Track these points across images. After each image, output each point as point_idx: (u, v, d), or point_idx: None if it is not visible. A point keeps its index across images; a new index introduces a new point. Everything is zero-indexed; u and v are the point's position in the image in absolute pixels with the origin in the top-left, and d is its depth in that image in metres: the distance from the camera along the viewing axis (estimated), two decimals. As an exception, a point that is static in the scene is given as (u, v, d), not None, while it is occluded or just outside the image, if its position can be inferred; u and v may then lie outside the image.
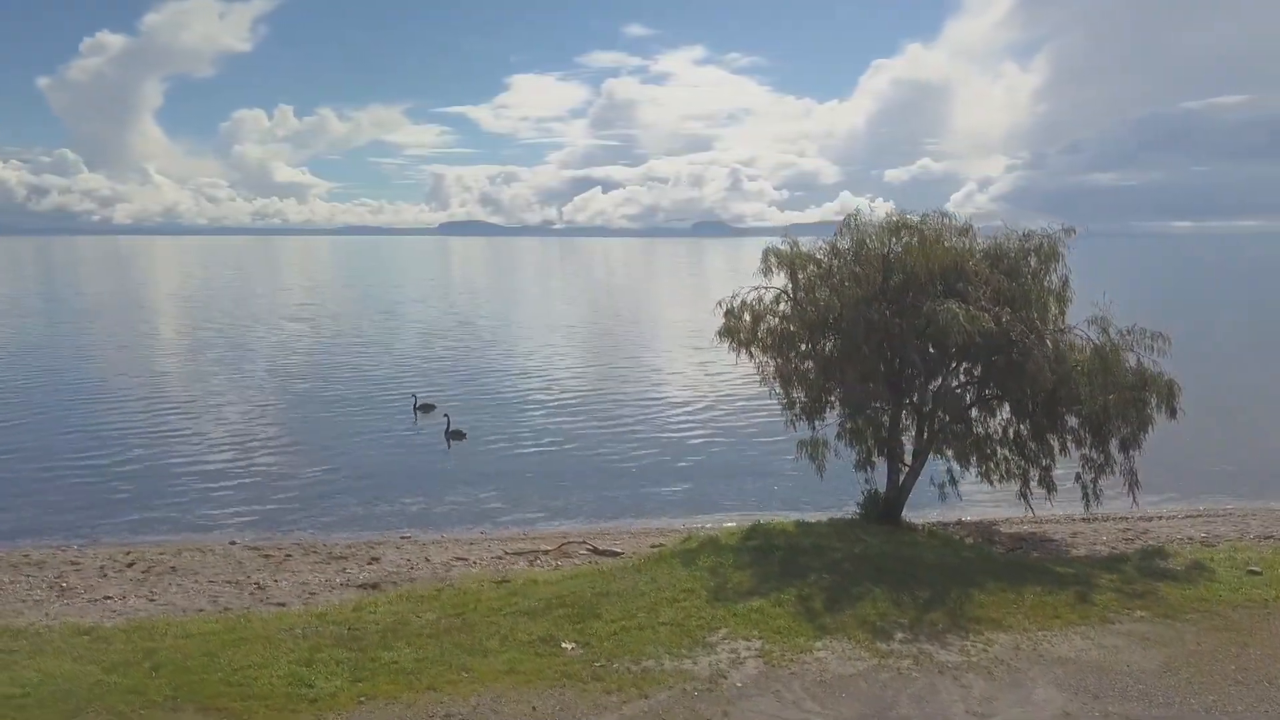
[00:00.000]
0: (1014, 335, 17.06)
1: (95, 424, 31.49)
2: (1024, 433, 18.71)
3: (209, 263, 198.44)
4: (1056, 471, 18.60)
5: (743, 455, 27.89)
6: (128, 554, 18.72)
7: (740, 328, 19.37)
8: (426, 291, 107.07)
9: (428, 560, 18.35)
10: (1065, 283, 18.47)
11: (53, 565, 17.88)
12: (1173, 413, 17.61)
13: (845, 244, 18.94)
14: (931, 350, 18.27)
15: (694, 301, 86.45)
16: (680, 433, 31.13)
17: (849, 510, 19.48)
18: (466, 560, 18.31)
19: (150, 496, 23.42)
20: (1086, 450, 18.15)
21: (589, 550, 18.94)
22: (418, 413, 33.26)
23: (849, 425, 19.23)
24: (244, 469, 26.14)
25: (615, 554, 18.43)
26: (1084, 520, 20.66)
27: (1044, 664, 12.12)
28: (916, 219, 18.61)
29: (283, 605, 15.21)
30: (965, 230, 18.77)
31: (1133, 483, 17.91)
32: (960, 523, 20.80)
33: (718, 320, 19.72)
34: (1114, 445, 17.84)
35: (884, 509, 18.91)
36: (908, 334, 17.87)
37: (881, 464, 19.29)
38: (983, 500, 21.79)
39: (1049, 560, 17.38)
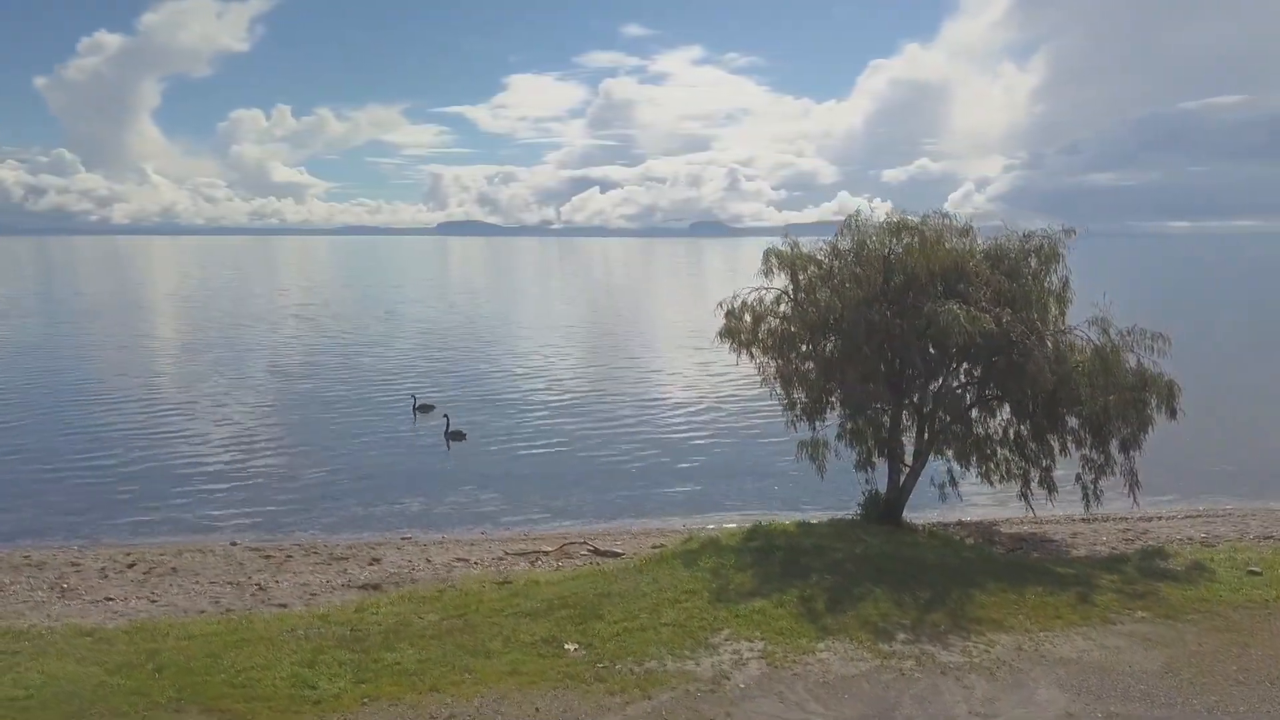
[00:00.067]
0: (1014, 336, 17.06)
1: (95, 425, 31.46)
2: (1024, 433, 18.72)
3: (207, 263, 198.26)
4: (1057, 472, 18.60)
5: (743, 456, 27.87)
6: (128, 555, 18.72)
7: (741, 328, 19.36)
8: (425, 291, 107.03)
9: (429, 561, 18.35)
10: (1065, 283, 18.48)
11: (53, 566, 17.87)
12: (1173, 413, 17.63)
13: (846, 245, 18.92)
14: (932, 351, 18.29)
15: (693, 301, 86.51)
16: (680, 433, 31.13)
17: (849, 511, 19.48)
18: (467, 561, 18.31)
19: (150, 497, 23.39)
20: (1087, 451, 18.17)
21: (590, 551, 18.94)
22: (417, 413, 33.25)
23: (849, 426, 19.24)
24: (244, 470, 26.13)
25: (616, 555, 18.44)
26: (1084, 520, 20.69)
27: (1046, 665, 12.13)
28: (917, 220, 18.62)
29: (284, 606, 15.21)
30: (966, 231, 18.77)
31: (1133, 483, 17.93)
32: (960, 523, 20.80)
33: (718, 320, 19.70)
34: (1114, 446, 17.85)
35: (884, 509, 18.91)
36: (908, 335, 17.88)
37: (882, 464, 19.29)
38: (983, 501, 21.83)
39: (1049, 561, 17.39)
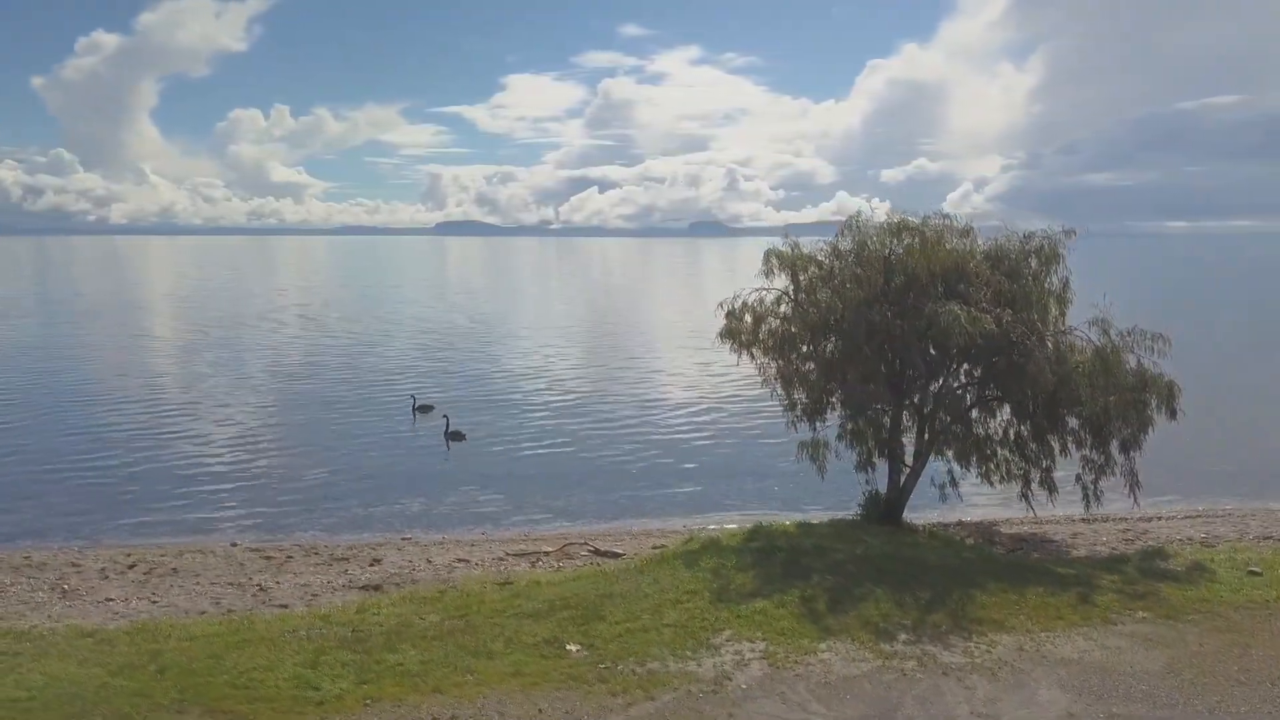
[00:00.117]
0: (1015, 337, 17.09)
1: (94, 425, 31.44)
2: (1024, 434, 18.75)
3: (205, 263, 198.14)
4: (1057, 473, 18.62)
5: (743, 456, 27.87)
6: (128, 556, 18.71)
7: (742, 329, 19.38)
8: (424, 291, 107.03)
9: (429, 562, 18.34)
10: (1066, 284, 18.52)
11: (54, 567, 17.86)
12: (1173, 414, 17.66)
13: (846, 245, 18.95)
14: (933, 352, 18.32)
15: (692, 302, 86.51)
16: (681, 433, 31.13)
17: (850, 511, 19.50)
18: (468, 562, 18.30)
19: (150, 498, 23.39)
20: (1087, 451, 18.19)
21: (590, 551, 18.94)
22: (416, 413, 33.24)
23: (850, 426, 19.26)
24: (243, 470, 26.11)
25: (617, 555, 18.43)
26: (1084, 521, 20.71)
27: (1047, 665, 12.15)
28: (918, 221, 18.64)
29: (285, 607, 15.19)
30: (966, 232, 18.80)
31: (1133, 484, 17.96)
32: (960, 523, 20.81)
33: (717, 321, 19.73)
34: (1114, 446, 17.87)
35: (885, 510, 18.93)
36: (909, 335, 17.91)
37: (882, 465, 19.31)
38: (982, 501, 21.85)
39: (1050, 561, 17.41)
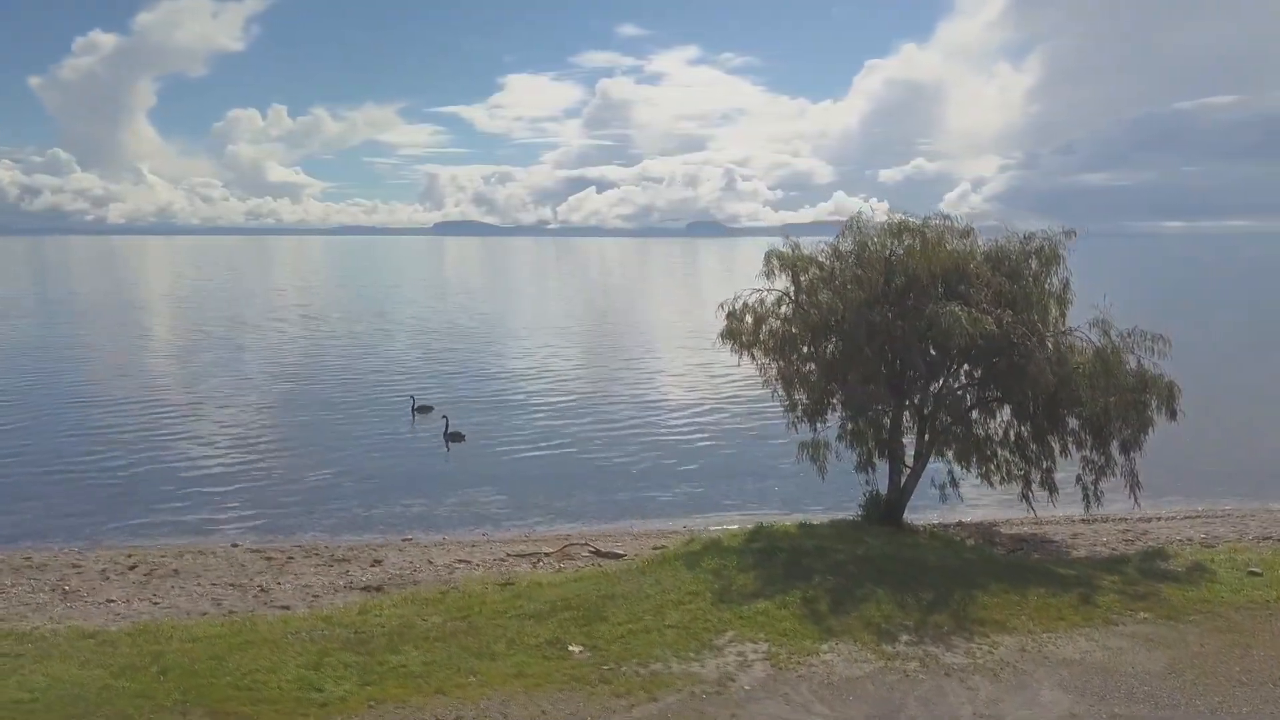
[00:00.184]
0: (1015, 338, 17.11)
1: (93, 426, 31.39)
2: (1025, 434, 18.77)
3: (203, 263, 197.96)
4: (1057, 474, 18.63)
5: (744, 457, 27.88)
6: (129, 556, 18.67)
7: (742, 330, 19.39)
8: (422, 292, 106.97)
9: (430, 562, 18.33)
10: (1066, 285, 18.55)
11: (54, 568, 17.82)
12: (1173, 414, 17.68)
13: (847, 246, 18.97)
14: (933, 352, 18.34)
15: (691, 302, 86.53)
16: (681, 434, 31.13)
17: (850, 512, 19.52)
18: (469, 562, 18.29)
19: (150, 499, 23.37)
20: (1087, 452, 18.21)
21: (591, 552, 18.92)
22: (416, 414, 33.23)
23: (850, 427, 19.28)
24: (243, 471, 26.09)
25: (618, 556, 18.44)
26: (1083, 521, 20.75)
27: (1049, 666, 12.16)
28: (918, 221, 18.66)
29: (287, 608, 15.17)
30: (966, 233, 18.82)
31: (1133, 484, 17.98)
32: (960, 524, 20.83)
33: (717, 321, 19.73)
34: (1114, 447, 17.89)
35: (885, 510, 18.95)
36: (910, 336, 17.91)
37: (883, 466, 19.33)
38: (982, 502, 21.85)
39: (1050, 562, 17.44)
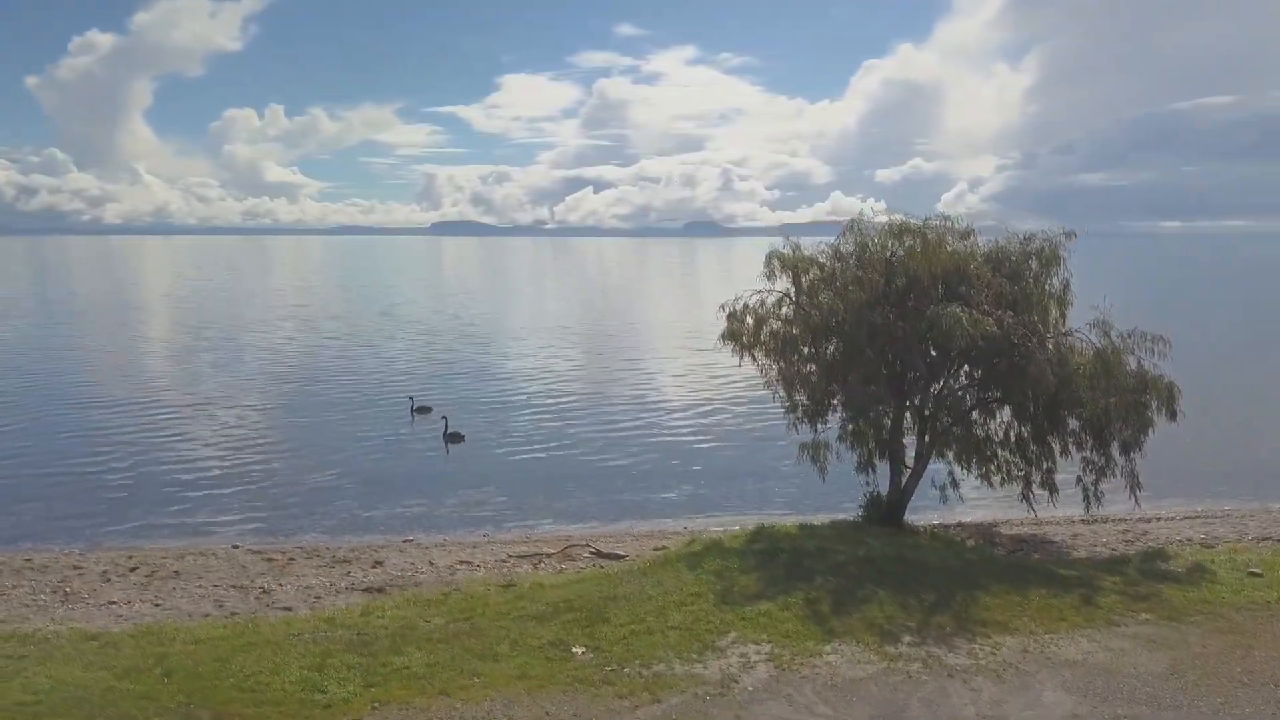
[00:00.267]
0: (1016, 339, 17.12)
1: (93, 427, 31.36)
2: (1025, 435, 18.77)
3: (201, 263, 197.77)
4: (1057, 475, 18.65)
5: (744, 458, 27.88)
6: (130, 558, 18.67)
7: (743, 331, 19.40)
8: (421, 292, 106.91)
9: (431, 564, 18.33)
10: (1066, 286, 18.57)
11: (55, 570, 17.81)
12: (1173, 415, 17.68)
13: (848, 248, 18.98)
14: (934, 353, 18.37)
15: (691, 302, 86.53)
16: (681, 435, 31.13)
17: (850, 512, 19.53)
18: (470, 564, 18.29)
19: (150, 500, 23.36)
20: (1088, 453, 18.21)
21: (592, 553, 18.92)
22: (415, 415, 33.22)
23: (851, 428, 19.29)
24: (243, 472, 26.07)
25: (619, 557, 18.44)
26: (1083, 522, 20.77)
27: (1052, 667, 12.18)
28: (919, 223, 18.67)
29: (289, 610, 15.15)
30: (967, 234, 18.83)
31: (1134, 485, 17.98)
32: (960, 524, 20.84)
33: (716, 321, 19.75)
34: (1115, 447, 17.90)
35: (886, 511, 18.97)
36: (910, 337, 17.95)
37: (883, 466, 19.35)
38: (981, 502, 21.83)
39: (1051, 562, 17.44)
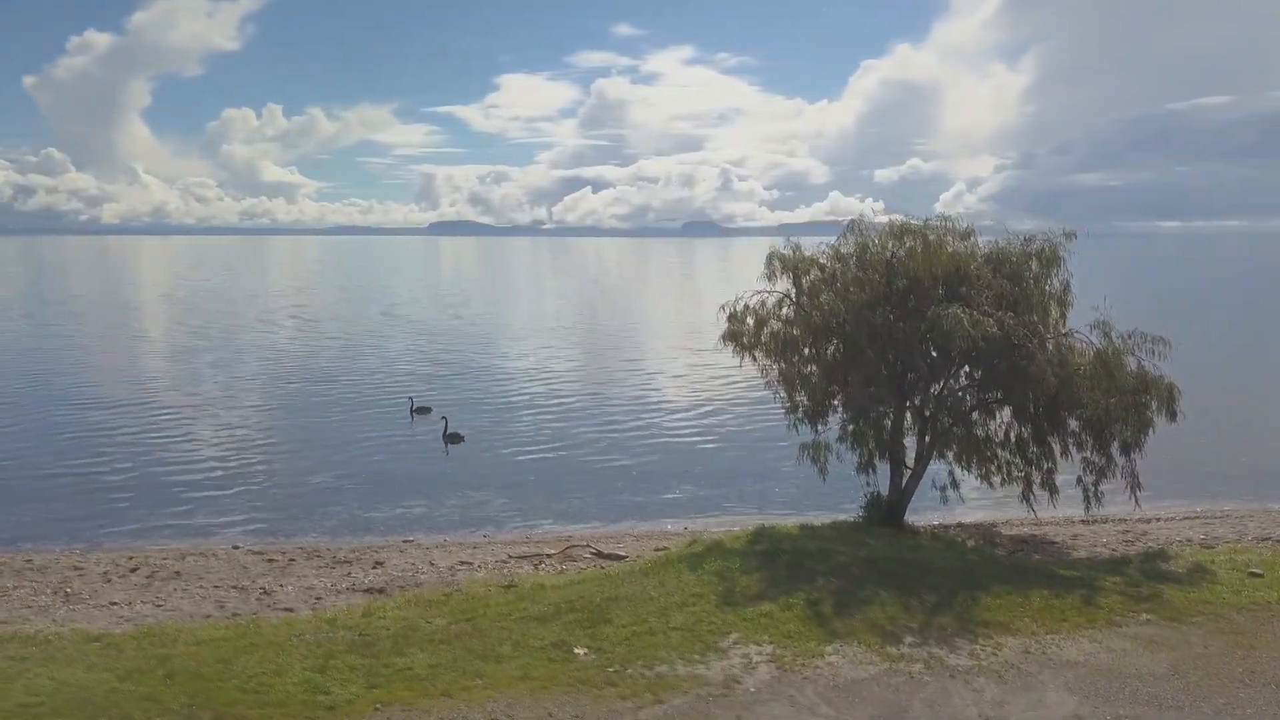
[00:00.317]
0: (1017, 339, 17.13)
1: (92, 428, 31.33)
2: (1025, 436, 18.78)
3: (199, 263, 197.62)
4: (1057, 475, 18.67)
5: (744, 458, 27.89)
6: (130, 559, 18.66)
7: (744, 331, 19.41)
8: (419, 292, 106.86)
9: (432, 564, 18.33)
10: (1066, 287, 18.58)
11: (56, 570, 17.80)
12: (1173, 416, 17.70)
13: (848, 248, 18.99)
14: (934, 354, 18.39)
15: (690, 302, 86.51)
16: (681, 435, 31.13)
17: (850, 513, 19.55)
18: (471, 564, 18.29)
19: (150, 501, 23.34)
20: (1088, 453, 18.22)
21: (593, 554, 18.93)
22: (414, 415, 33.21)
23: (851, 428, 19.30)
24: (242, 473, 26.06)
25: (619, 557, 18.44)
26: (1083, 522, 20.80)
27: (1054, 667, 12.19)
28: (919, 223, 18.69)
29: (290, 610, 15.15)
30: (967, 234, 18.84)
31: (1134, 485, 17.99)
32: (961, 525, 20.86)
33: (716, 322, 19.77)
34: (1115, 448, 17.91)
35: (886, 512, 18.98)
36: (911, 338, 17.97)
37: (883, 467, 19.35)
38: (981, 503, 21.83)
39: (1052, 563, 17.46)
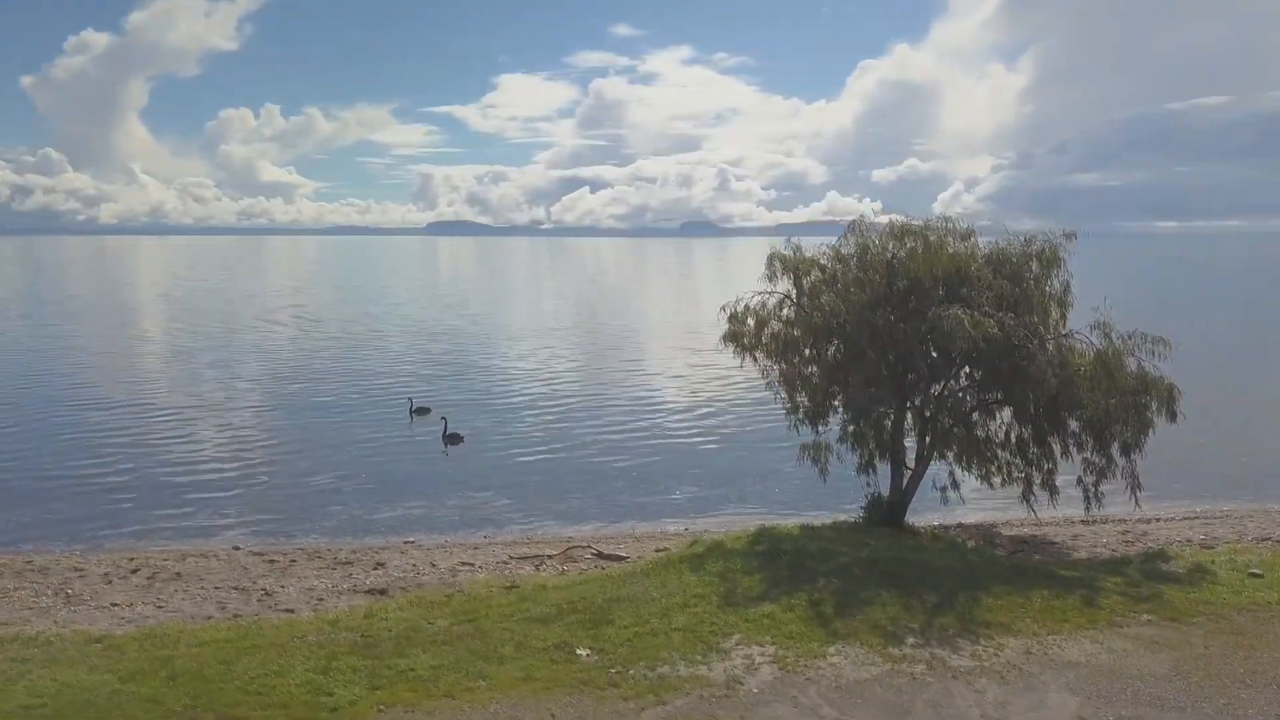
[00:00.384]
0: (1017, 340, 17.15)
1: (92, 428, 31.32)
2: (1026, 436, 18.80)
3: (196, 263, 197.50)
4: (1057, 476, 18.69)
5: (744, 459, 27.89)
6: (131, 560, 18.64)
7: (744, 332, 19.42)
8: (418, 292, 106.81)
9: (433, 565, 18.32)
10: (1067, 287, 18.59)
11: (56, 571, 17.77)
12: (1173, 416, 17.71)
13: (849, 249, 19.00)
14: (935, 355, 18.41)
15: (689, 303, 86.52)
16: (681, 436, 31.13)
17: (851, 513, 19.57)
18: (472, 565, 18.28)
19: (150, 501, 23.33)
20: (1088, 454, 18.23)
21: (594, 554, 18.93)
22: (414, 416, 33.21)
23: (852, 429, 19.31)
24: (242, 473, 26.05)
25: (620, 558, 18.44)
26: (1083, 523, 20.80)
27: (1055, 668, 12.19)
28: (920, 224, 18.71)
29: (291, 612, 15.14)
30: (968, 235, 18.85)
31: (1134, 486, 18.00)
32: (961, 525, 20.87)
33: (716, 322, 19.79)
34: (1115, 448, 17.93)
35: (887, 512, 18.99)
36: (912, 339, 17.99)
37: (884, 468, 19.37)
38: (981, 503, 21.84)
39: (1052, 563, 17.45)
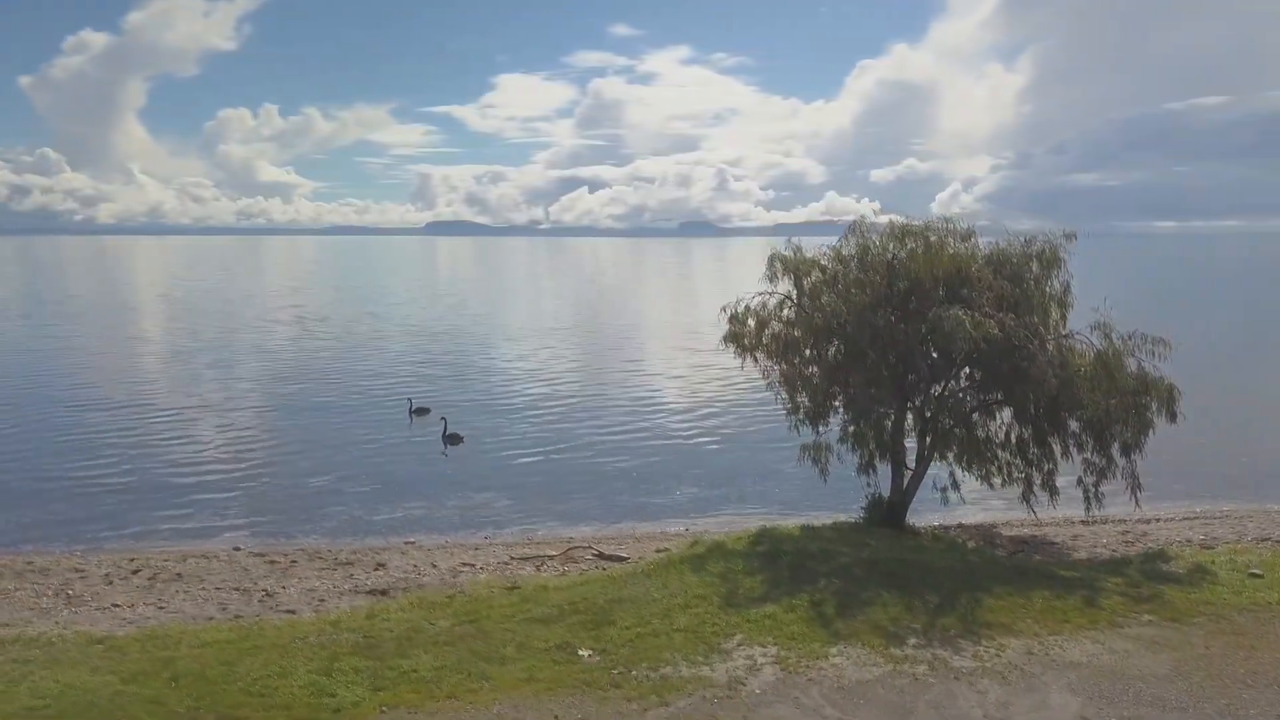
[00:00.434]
0: (1017, 341, 17.19)
1: (92, 429, 31.27)
2: (1026, 437, 18.82)
3: (195, 263, 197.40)
4: (1058, 476, 18.71)
5: (745, 459, 27.89)
6: (131, 561, 18.63)
7: (745, 333, 19.44)
8: (417, 292, 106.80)
9: (434, 566, 18.33)
10: (1067, 288, 18.62)
11: (57, 572, 17.77)
12: (1173, 417, 17.73)
13: (849, 250, 19.03)
14: (935, 355, 18.44)
15: (688, 302, 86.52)
16: (681, 436, 31.13)
17: (851, 514, 19.58)
18: (473, 566, 18.29)
19: (150, 502, 23.30)
20: (1088, 454, 18.27)
21: (595, 555, 18.95)
22: (413, 416, 33.21)
23: (852, 429, 19.33)
24: (242, 474, 26.03)
25: (621, 559, 18.46)
26: (1083, 523, 20.80)
27: (1057, 669, 12.21)
28: (920, 225, 18.74)
29: (293, 612, 15.14)
30: (968, 236, 18.87)
31: (1134, 486, 18.03)
32: (961, 526, 20.90)
33: (716, 322, 19.81)
34: (1115, 449, 17.96)
35: (887, 512, 19.02)
36: (912, 340, 18.02)
37: (884, 468, 19.39)
38: (980, 503, 21.86)
39: (1053, 564, 17.48)
